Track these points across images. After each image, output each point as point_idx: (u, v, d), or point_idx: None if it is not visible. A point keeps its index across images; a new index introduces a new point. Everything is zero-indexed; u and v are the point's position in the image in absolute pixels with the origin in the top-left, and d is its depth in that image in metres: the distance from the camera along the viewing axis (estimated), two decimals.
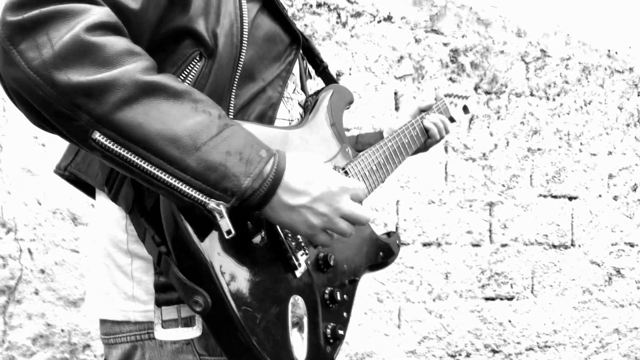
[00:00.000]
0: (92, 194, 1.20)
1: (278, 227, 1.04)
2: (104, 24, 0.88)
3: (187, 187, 0.88)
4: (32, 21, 0.84)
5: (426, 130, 1.69)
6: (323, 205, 0.98)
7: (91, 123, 0.84)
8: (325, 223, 0.98)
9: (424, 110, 1.74)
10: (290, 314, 1.03)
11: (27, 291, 2.32)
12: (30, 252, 2.33)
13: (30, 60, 0.83)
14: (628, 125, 3.65)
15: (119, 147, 0.86)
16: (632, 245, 3.63)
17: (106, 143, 0.85)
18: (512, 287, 3.33)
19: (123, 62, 0.87)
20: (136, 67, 0.87)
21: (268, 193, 0.92)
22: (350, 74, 3.02)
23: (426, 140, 1.70)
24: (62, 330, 2.37)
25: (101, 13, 0.88)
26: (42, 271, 2.35)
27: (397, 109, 3.11)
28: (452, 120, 1.81)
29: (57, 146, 2.39)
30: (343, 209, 1.00)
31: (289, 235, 1.07)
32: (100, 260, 1.12)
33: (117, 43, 0.88)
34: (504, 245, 3.32)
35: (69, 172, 1.16)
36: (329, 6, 2.99)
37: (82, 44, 0.84)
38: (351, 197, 1.02)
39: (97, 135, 0.85)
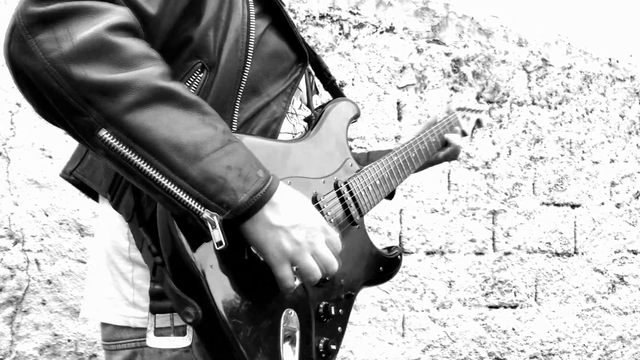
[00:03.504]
0: (96, 198, 1.21)
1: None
2: (125, 25, 0.89)
3: (185, 194, 0.89)
4: (54, 14, 0.85)
5: (447, 144, 1.71)
6: (300, 234, 0.98)
7: (100, 120, 0.86)
8: (295, 253, 0.98)
9: (433, 124, 1.73)
10: (282, 328, 1.04)
11: (34, 302, 2.35)
12: (37, 262, 2.36)
13: (48, 51, 0.84)
14: (630, 133, 3.65)
15: (124, 147, 0.87)
16: (635, 253, 3.62)
17: (112, 142, 0.87)
18: (515, 295, 3.33)
19: (140, 65, 0.88)
20: (152, 72, 0.89)
21: (256, 206, 0.93)
22: (353, 85, 3.05)
23: (446, 154, 1.72)
24: (69, 340, 2.40)
25: (123, 14, 0.90)
26: (49, 282, 2.38)
27: (399, 118, 3.13)
28: (464, 134, 1.79)
29: (64, 158, 2.42)
30: (317, 246, 1.00)
31: None
32: (104, 266, 1.13)
33: (136, 45, 0.89)
34: (507, 254, 3.32)
35: (74, 177, 1.18)
36: (331, 18, 3.01)
37: (102, 42, 0.86)
38: (326, 241, 1.03)
39: (103, 133, 0.86)
